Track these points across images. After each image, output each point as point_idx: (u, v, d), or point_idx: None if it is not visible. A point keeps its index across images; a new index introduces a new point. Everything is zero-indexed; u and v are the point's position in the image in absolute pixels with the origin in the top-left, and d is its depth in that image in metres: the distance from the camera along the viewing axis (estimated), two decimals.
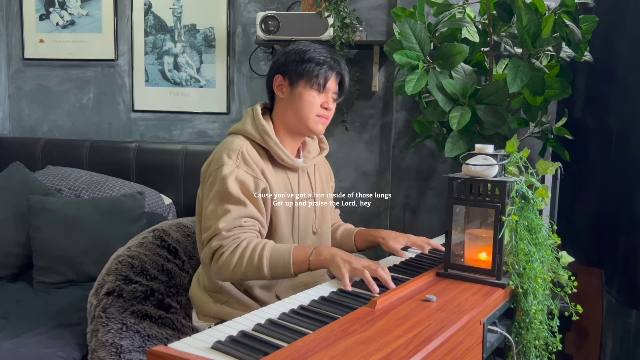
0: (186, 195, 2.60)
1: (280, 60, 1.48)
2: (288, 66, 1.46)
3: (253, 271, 1.31)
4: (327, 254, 1.29)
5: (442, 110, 1.87)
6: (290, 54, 1.47)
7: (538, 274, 1.21)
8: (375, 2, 2.54)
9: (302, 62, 1.44)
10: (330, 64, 1.46)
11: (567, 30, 1.74)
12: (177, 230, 1.81)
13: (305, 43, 1.50)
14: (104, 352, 1.48)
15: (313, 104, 1.45)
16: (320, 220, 1.59)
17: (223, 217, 1.34)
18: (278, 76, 1.48)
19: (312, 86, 1.45)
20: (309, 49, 1.47)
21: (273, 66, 1.51)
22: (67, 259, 2.12)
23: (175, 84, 2.80)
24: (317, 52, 1.46)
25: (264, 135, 1.45)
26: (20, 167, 2.47)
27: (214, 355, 0.86)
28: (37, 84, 2.96)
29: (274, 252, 1.31)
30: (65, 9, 2.87)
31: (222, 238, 1.33)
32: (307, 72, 1.44)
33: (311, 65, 1.44)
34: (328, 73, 1.46)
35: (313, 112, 1.46)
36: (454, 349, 0.99)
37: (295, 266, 1.30)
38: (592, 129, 1.95)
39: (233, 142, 1.44)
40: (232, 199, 1.36)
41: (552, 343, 1.27)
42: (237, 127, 1.51)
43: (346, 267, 1.24)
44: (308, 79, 1.44)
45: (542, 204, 1.28)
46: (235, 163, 1.40)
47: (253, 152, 1.44)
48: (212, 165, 1.43)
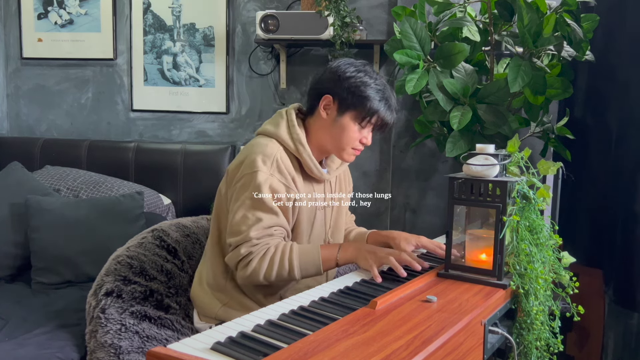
0: (185, 195, 2.59)
1: (335, 81, 1.42)
2: (343, 92, 1.40)
3: (284, 276, 1.37)
4: (353, 249, 1.37)
5: (443, 110, 1.86)
6: (349, 82, 1.40)
7: (539, 274, 1.21)
8: (375, 1, 2.53)
9: (359, 96, 1.39)
10: (386, 107, 1.42)
11: (568, 30, 1.73)
12: (176, 231, 1.80)
13: (366, 70, 1.43)
14: (102, 353, 1.47)
15: (353, 138, 1.43)
16: (334, 229, 1.60)
17: (255, 225, 1.35)
18: (327, 96, 1.42)
19: (360, 122, 1.42)
20: (369, 83, 1.40)
21: (325, 81, 1.44)
22: (66, 259, 2.12)
23: (175, 84, 2.79)
24: (376, 89, 1.41)
25: (299, 146, 1.43)
26: (18, 167, 2.46)
27: (214, 356, 0.85)
28: (35, 83, 2.95)
29: (302, 254, 1.37)
30: (63, 8, 2.86)
31: (251, 245, 1.35)
32: (360, 108, 1.40)
33: (367, 102, 1.39)
34: (381, 114, 1.42)
35: (350, 145, 1.44)
36: (455, 350, 0.98)
37: (325, 264, 1.37)
38: (593, 129, 1.94)
39: (267, 146, 1.41)
40: (265, 208, 1.36)
41: (554, 344, 1.27)
42: (269, 130, 1.46)
43: (372, 258, 1.32)
44: (358, 114, 1.41)
45: (543, 204, 1.28)
46: (269, 170, 1.38)
47: (287, 161, 1.42)
48: (245, 168, 1.40)
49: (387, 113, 1.43)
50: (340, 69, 1.43)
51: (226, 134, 2.78)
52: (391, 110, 1.44)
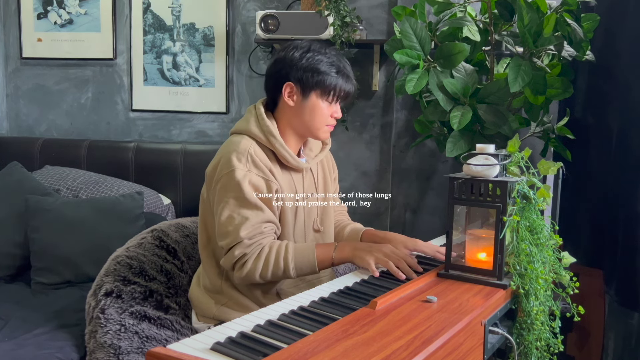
0: (185, 196, 2.59)
1: (290, 67, 1.44)
2: (301, 76, 1.43)
3: (280, 274, 1.37)
4: (350, 248, 1.38)
5: (443, 110, 1.86)
6: (303, 63, 1.43)
7: (539, 274, 1.21)
8: (375, 1, 2.53)
9: (317, 74, 1.42)
10: (344, 75, 1.45)
11: (568, 29, 1.73)
12: (176, 231, 1.80)
13: (314, 49, 1.45)
14: (102, 354, 1.47)
15: (324, 116, 1.46)
16: (323, 217, 1.59)
17: (243, 225, 1.35)
18: (289, 84, 1.44)
19: (326, 98, 1.45)
20: (322, 59, 1.43)
21: (281, 71, 1.45)
22: (66, 259, 2.11)
23: (174, 84, 2.79)
24: (329, 63, 1.44)
25: (269, 137, 1.44)
26: (18, 167, 2.46)
27: (213, 356, 0.85)
28: (35, 83, 2.95)
29: (297, 254, 1.37)
30: (63, 8, 2.85)
31: (244, 246, 1.36)
32: (322, 84, 1.43)
33: (327, 77, 1.43)
34: (342, 85, 1.45)
35: (324, 123, 1.47)
36: (455, 350, 0.98)
37: (320, 264, 1.38)
38: (594, 129, 1.94)
39: (240, 143, 1.42)
40: (249, 205, 1.36)
41: (554, 344, 1.26)
42: (240, 127, 1.49)
43: (369, 257, 1.33)
44: (322, 91, 1.43)
45: (543, 204, 1.28)
46: (246, 167, 1.38)
47: (261, 154, 1.43)
48: (221, 168, 1.41)
49: (346, 83, 1.46)
50: (289, 54, 1.45)
51: (226, 134, 2.78)
52: (349, 79, 1.47)
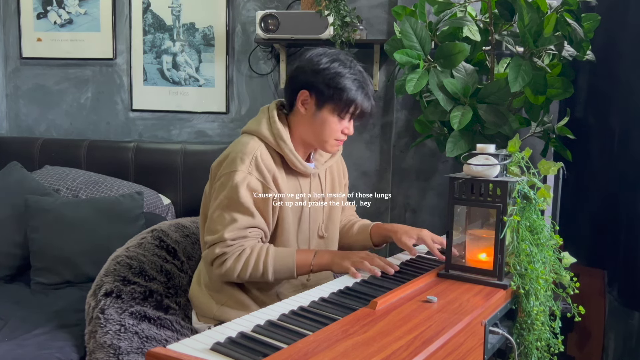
0: (185, 196, 2.58)
1: (310, 75, 1.40)
2: (319, 86, 1.38)
3: (257, 277, 1.38)
4: (329, 256, 1.39)
5: (443, 110, 1.86)
6: (323, 75, 1.38)
7: (540, 274, 1.21)
8: (375, 1, 2.53)
9: (335, 88, 1.37)
10: (363, 96, 1.41)
11: (569, 29, 1.73)
12: (176, 231, 1.80)
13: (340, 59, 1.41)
14: (102, 354, 1.47)
15: (334, 130, 1.42)
16: (328, 223, 1.58)
17: (230, 226, 1.36)
18: (304, 92, 1.41)
19: (341, 113, 1.40)
20: (344, 73, 1.38)
21: (301, 76, 1.41)
22: (65, 259, 2.11)
23: (174, 83, 2.79)
24: (353, 79, 1.39)
25: (279, 141, 1.42)
26: (17, 167, 2.45)
27: (213, 356, 0.85)
28: (34, 83, 2.95)
29: (277, 258, 1.37)
30: (63, 8, 2.85)
31: (226, 246, 1.36)
32: (338, 100, 1.38)
33: (344, 94, 1.37)
34: (360, 104, 1.40)
35: (332, 137, 1.43)
36: (455, 351, 0.98)
37: (299, 270, 1.39)
38: (594, 129, 1.94)
39: (247, 144, 1.41)
40: (241, 208, 1.36)
41: (554, 344, 1.26)
42: (251, 127, 1.46)
43: (347, 262, 1.34)
44: (337, 106, 1.39)
45: (544, 204, 1.27)
46: (247, 169, 1.38)
47: (267, 157, 1.41)
48: (225, 167, 1.40)
49: (365, 102, 1.41)
50: (313, 61, 1.41)
51: (226, 134, 2.78)
52: (369, 98, 1.43)
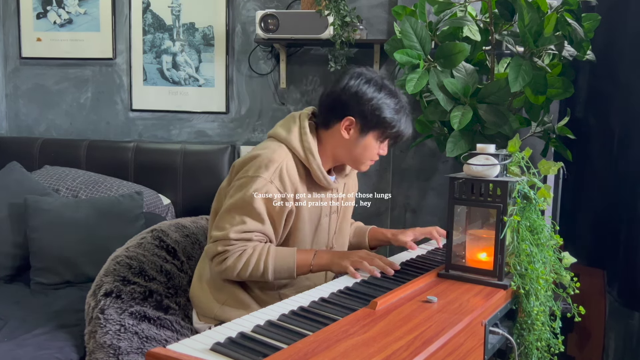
0: (185, 195, 2.58)
1: (357, 103, 1.42)
2: (365, 114, 1.42)
3: (257, 276, 1.39)
4: (328, 256, 1.40)
5: (443, 110, 1.86)
6: (371, 103, 1.41)
7: (540, 274, 1.20)
8: (375, 1, 2.53)
9: (382, 118, 1.42)
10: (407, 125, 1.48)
11: (569, 29, 1.73)
12: (175, 231, 1.80)
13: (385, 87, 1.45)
14: (102, 354, 1.47)
15: (374, 153, 1.48)
16: (338, 234, 1.60)
17: (237, 227, 1.37)
18: (350, 118, 1.42)
19: (382, 139, 1.46)
20: (390, 104, 1.43)
21: (347, 102, 1.43)
22: (65, 259, 2.11)
23: (174, 83, 2.79)
24: (396, 110, 1.44)
25: (309, 155, 1.43)
26: (17, 167, 2.45)
27: (213, 356, 0.85)
28: (34, 83, 2.95)
29: (278, 258, 1.39)
30: (62, 8, 2.85)
31: (228, 244, 1.38)
32: (383, 128, 1.44)
33: (389, 123, 1.44)
34: (402, 132, 1.47)
35: (370, 159, 1.49)
36: (455, 351, 0.98)
37: (299, 270, 1.40)
38: (594, 129, 1.94)
39: (275, 152, 1.41)
40: (253, 214, 1.37)
41: (554, 344, 1.26)
42: (281, 134, 1.46)
43: (346, 261, 1.35)
44: (381, 133, 1.45)
45: (544, 204, 1.27)
46: (270, 177, 1.38)
47: (292, 169, 1.42)
48: (248, 169, 1.40)
49: (407, 129, 1.49)
50: (361, 90, 1.43)
51: (226, 134, 2.78)
52: (410, 125, 1.50)
